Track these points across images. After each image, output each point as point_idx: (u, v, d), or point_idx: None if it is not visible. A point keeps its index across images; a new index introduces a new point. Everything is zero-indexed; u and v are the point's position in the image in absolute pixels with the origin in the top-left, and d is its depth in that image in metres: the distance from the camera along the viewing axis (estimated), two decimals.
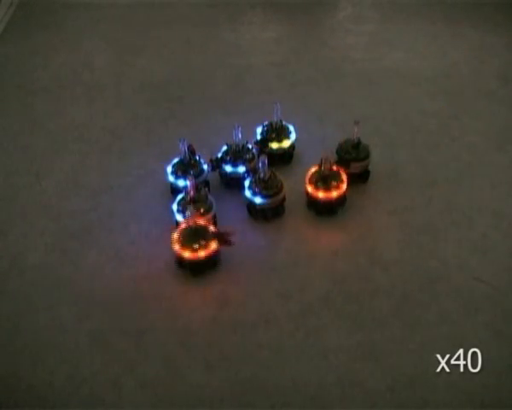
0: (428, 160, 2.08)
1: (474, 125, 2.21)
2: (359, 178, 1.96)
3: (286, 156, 2.06)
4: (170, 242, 1.71)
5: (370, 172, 1.98)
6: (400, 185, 1.99)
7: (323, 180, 1.83)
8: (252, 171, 1.91)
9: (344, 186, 1.84)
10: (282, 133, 2.03)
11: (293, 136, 2.05)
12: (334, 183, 1.83)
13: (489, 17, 2.76)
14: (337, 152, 1.93)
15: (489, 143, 2.14)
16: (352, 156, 1.91)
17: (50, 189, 2.04)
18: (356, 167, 1.92)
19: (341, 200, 1.87)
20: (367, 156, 1.93)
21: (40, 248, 1.85)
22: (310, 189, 1.85)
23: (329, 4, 2.98)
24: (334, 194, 1.83)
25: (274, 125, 2.03)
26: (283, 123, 2.05)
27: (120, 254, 1.82)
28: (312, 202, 1.88)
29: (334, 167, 1.83)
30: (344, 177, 1.84)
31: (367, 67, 2.52)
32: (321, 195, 1.83)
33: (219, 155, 1.98)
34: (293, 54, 2.64)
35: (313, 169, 1.86)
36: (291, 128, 2.06)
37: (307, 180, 1.86)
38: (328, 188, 1.82)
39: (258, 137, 2.04)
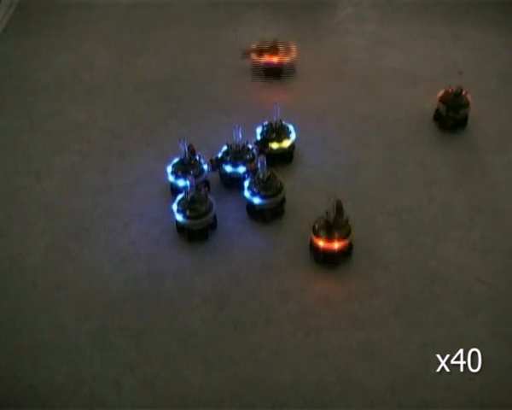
0: (428, 159, 2.08)
1: (475, 124, 2.21)
2: (460, 124, 2.15)
3: (286, 156, 2.06)
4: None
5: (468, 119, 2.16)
6: (400, 185, 1.99)
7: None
8: (251, 171, 1.91)
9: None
10: (282, 133, 2.03)
11: (293, 136, 2.05)
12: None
13: (489, 17, 2.76)
14: (442, 101, 2.13)
15: (489, 143, 2.14)
16: (454, 104, 2.11)
17: (50, 189, 2.04)
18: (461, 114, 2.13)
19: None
20: (467, 104, 2.12)
21: (40, 248, 1.85)
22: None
23: (329, 4, 2.97)
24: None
25: (274, 125, 2.03)
26: (283, 123, 2.05)
27: (120, 254, 1.82)
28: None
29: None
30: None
31: (367, 67, 2.52)
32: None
33: (219, 155, 1.98)
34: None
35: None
36: (291, 128, 2.06)
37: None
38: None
39: (258, 137, 2.04)
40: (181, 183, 1.90)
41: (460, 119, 2.15)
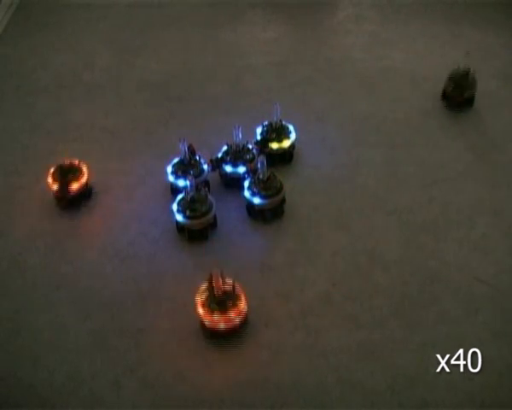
0: (428, 160, 2.08)
1: (474, 125, 2.21)
2: (467, 103, 2.22)
3: (286, 156, 2.06)
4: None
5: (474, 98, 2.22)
6: (400, 185, 1.99)
7: (219, 303, 1.56)
8: (252, 171, 1.91)
9: (242, 305, 1.57)
10: (282, 133, 2.03)
11: (293, 136, 2.05)
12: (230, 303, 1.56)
13: (488, 17, 2.76)
14: (451, 79, 2.20)
15: (489, 143, 2.14)
16: (462, 83, 2.18)
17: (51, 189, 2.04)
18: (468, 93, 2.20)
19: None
20: (474, 85, 2.19)
21: (40, 248, 1.85)
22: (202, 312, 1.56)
23: (329, 4, 2.98)
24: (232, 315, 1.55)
25: (274, 126, 2.03)
26: (283, 123, 2.05)
27: (120, 254, 1.82)
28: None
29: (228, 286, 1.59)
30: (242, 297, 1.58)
31: (367, 67, 2.52)
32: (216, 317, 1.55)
33: (219, 155, 1.98)
34: (293, 54, 2.64)
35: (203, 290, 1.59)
36: (291, 128, 2.06)
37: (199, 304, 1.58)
38: (224, 310, 1.55)
39: (258, 137, 2.04)
40: (181, 183, 1.90)
41: (467, 98, 2.19)
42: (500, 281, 1.69)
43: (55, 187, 1.93)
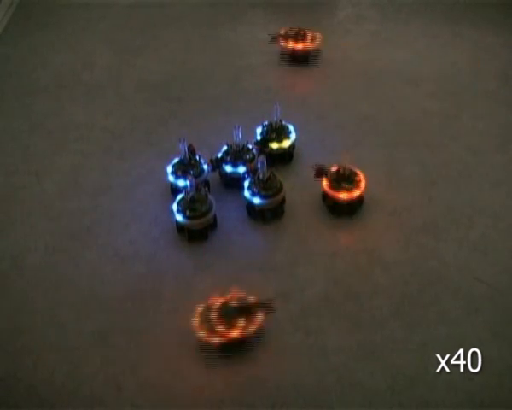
0: (428, 160, 2.08)
1: (474, 125, 2.21)
2: (301, 59, 2.50)
3: (286, 156, 2.06)
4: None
5: None
6: (400, 185, 1.99)
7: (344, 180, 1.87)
8: (252, 171, 1.91)
9: (362, 185, 1.87)
10: (282, 133, 2.03)
11: (293, 136, 2.05)
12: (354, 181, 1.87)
13: (489, 17, 2.76)
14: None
15: (489, 143, 2.14)
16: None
17: (50, 189, 2.04)
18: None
19: (360, 200, 1.90)
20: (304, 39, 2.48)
21: (40, 249, 1.85)
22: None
23: (329, 4, 2.98)
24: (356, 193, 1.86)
25: (274, 126, 2.03)
26: (283, 123, 2.05)
27: (120, 254, 1.82)
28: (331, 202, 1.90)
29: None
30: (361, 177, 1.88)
31: (367, 67, 2.52)
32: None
33: (219, 155, 1.98)
34: None
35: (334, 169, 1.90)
36: (291, 128, 2.06)
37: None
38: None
39: (258, 137, 2.04)
40: (181, 183, 1.90)
41: (297, 52, 2.48)
42: (500, 281, 1.69)
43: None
